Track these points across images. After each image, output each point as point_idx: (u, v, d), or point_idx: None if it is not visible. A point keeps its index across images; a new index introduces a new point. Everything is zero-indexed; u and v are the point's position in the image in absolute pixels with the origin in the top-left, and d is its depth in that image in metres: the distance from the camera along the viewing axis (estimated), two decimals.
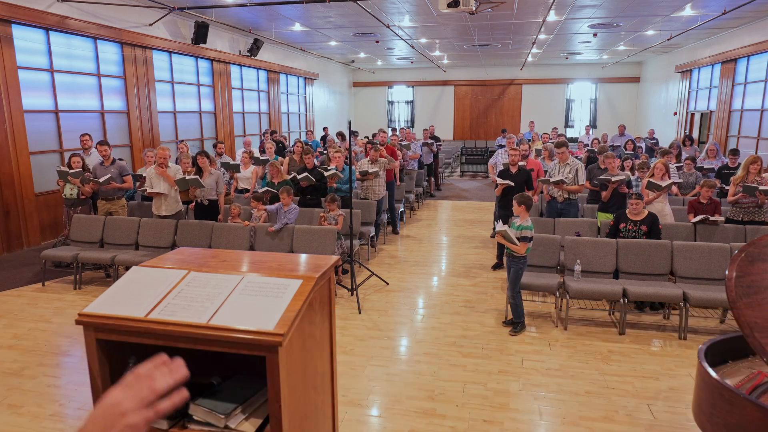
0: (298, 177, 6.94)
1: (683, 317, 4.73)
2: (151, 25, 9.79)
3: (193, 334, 1.70)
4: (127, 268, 4.36)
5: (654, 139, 13.64)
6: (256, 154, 9.27)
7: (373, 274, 6.29)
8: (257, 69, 14.48)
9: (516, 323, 4.90)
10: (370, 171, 7.53)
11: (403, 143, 10.59)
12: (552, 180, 6.32)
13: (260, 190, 6.86)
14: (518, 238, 4.70)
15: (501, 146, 12.11)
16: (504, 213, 6.66)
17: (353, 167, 7.26)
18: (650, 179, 6.00)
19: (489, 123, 22.00)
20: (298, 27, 12.23)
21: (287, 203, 6.15)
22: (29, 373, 4.12)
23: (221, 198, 6.60)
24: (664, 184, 5.93)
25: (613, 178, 6.08)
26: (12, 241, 7.63)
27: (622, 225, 5.44)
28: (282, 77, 16.17)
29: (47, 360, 4.37)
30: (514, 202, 4.83)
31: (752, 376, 2.57)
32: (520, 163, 6.75)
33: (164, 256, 2.21)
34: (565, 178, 6.34)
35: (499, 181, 6.48)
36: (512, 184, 6.35)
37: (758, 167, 5.94)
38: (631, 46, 15.28)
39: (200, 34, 10.77)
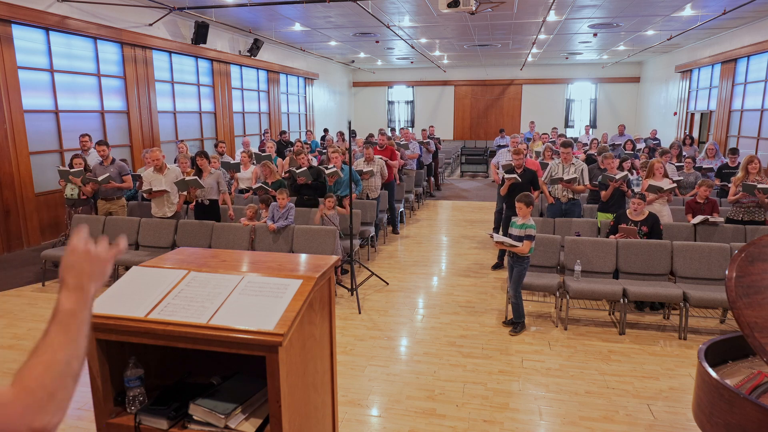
0: (297, 171, 6.93)
1: (683, 317, 4.73)
2: (151, 25, 9.79)
3: (193, 334, 1.71)
4: (127, 268, 4.36)
5: (656, 139, 13.62)
6: (256, 152, 9.26)
7: (373, 274, 6.29)
8: (257, 69, 14.47)
9: (516, 323, 4.90)
10: (365, 170, 7.61)
11: (402, 143, 10.60)
12: (565, 179, 6.26)
13: (254, 187, 6.85)
14: (523, 237, 4.70)
15: (501, 146, 12.12)
16: (510, 213, 6.61)
17: (352, 167, 7.27)
18: (651, 182, 6.00)
19: (489, 123, 22.00)
20: (298, 27, 12.23)
21: (283, 204, 6.14)
22: None
23: (226, 197, 6.59)
24: (666, 187, 5.94)
25: (617, 177, 6.08)
26: (12, 241, 7.63)
27: (622, 225, 5.44)
28: (282, 77, 16.16)
29: None
30: (519, 203, 4.82)
31: (752, 376, 2.57)
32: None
33: (164, 256, 2.21)
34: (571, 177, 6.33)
35: (507, 176, 6.38)
36: (519, 179, 6.29)
37: (757, 166, 5.95)
38: (631, 46, 15.27)
39: (200, 34, 10.76)
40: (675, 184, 6.17)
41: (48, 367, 0.86)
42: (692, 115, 15.36)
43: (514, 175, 6.33)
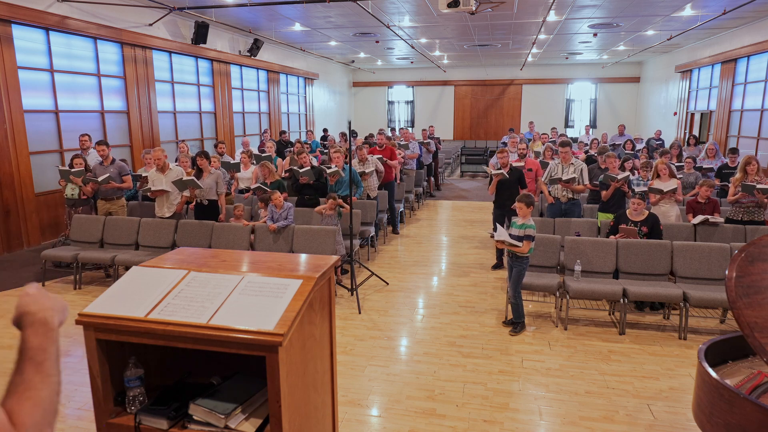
0: (301, 171, 6.93)
1: (683, 317, 4.73)
2: (151, 25, 9.79)
3: (193, 334, 1.71)
4: (127, 268, 4.36)
5: (660, 140, 13.58)
6: (256, 152, 9.26)
7: (373, 274, 6.29)
8: (257, 69, 14.47)
9: (516, 323, 4.90)
10: (366, 171, 7.61)
11: (402, 143, 10.60)
12: (564, 179, 6.27)
13: (252, 187, 6.84)
14: (523, 237, 4.70)
15: (504, 144, 12.13)
16: (499, 212, 6.64)
17: (351, 168, 7.28)
18: (654, 185, 6.00)
19: (489, 123, 22.00)
20: (298, 27, 12.22)
21: (279, 204, 6.13)
22: None
23: (222, 198, 6.59)
24: (666, 189, 5.94)
25: (619, 177, 6.08)
26: (12, 241, 7.63)
27: (622, 225, 5.44)
28: (282, 77, 16.16)
29: None
30: (519, 203, 4.83)
31: (752, 376, 2.57)
32: (517, 164, 6.75)
33: (164, 256, 2.21)
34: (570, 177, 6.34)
35: (494, 172, 6.45)
36: (507, 175, 6.34)
37: (755, 167, 5.95)
38: (631, 46, 15.27)
39: (200, 34, 10.76)
40: (677, 185, 6.17)
41: (35, 405, 0.91)
42: (692, 115, 15.36)
43: (501, 171, 6.36)
